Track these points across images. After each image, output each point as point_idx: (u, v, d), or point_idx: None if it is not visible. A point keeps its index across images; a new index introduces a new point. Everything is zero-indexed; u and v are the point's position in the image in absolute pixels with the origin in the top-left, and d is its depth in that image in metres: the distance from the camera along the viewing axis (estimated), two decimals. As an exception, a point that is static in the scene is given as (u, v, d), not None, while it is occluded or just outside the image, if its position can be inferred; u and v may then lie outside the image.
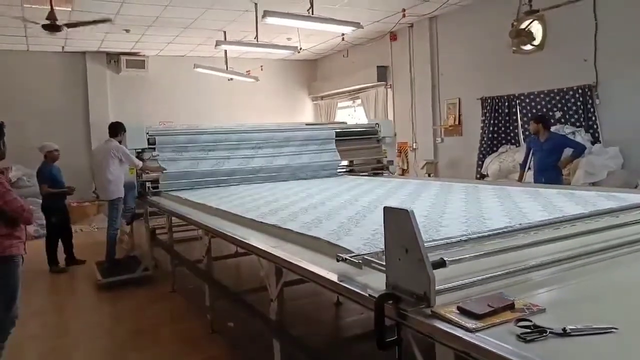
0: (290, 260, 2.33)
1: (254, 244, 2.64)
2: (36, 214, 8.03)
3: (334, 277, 1.98)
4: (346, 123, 8.52)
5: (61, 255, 6.26)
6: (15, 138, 8.99)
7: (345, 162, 6.70)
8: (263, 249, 2.55)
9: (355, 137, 6.80)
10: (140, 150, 5.50)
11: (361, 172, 6.69)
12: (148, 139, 5.50)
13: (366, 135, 6.81)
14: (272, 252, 2.46)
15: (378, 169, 6.79)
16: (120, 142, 5.72)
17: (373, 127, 6.89)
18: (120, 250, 6.32)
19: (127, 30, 8.20)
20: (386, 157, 6.77)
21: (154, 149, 5.52)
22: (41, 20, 5.84)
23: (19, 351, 3.61)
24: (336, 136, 6.56)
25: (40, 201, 6.42)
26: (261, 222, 2.99)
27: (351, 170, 6.67)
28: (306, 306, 4.27)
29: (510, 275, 1.75)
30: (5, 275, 2.99)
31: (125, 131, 5.71)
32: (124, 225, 6.46)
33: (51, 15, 5.77)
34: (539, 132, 5.63)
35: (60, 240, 6.28)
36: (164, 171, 5.35)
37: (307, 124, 7.57)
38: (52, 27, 5.84)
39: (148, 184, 5.39)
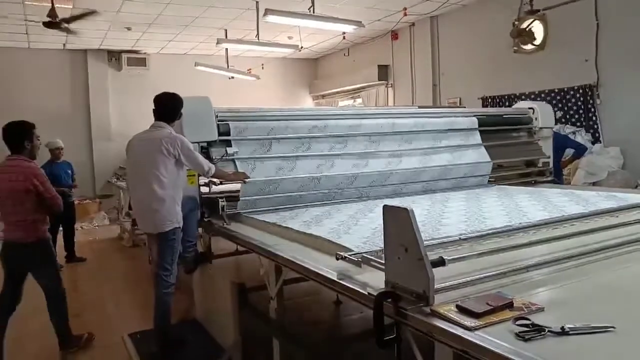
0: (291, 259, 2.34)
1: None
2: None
3: (333, 275, 1.99)
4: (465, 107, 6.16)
5: (61, 253, 6.26)
6: (16, 135, 9.08)
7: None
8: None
9: (498, 127, 4.65)
10: (204, 145, 3.40)
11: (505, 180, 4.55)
12: (218, 126, 3.40)
13: (514, 125, 4.77)
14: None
15: (530, 175, 4.73)
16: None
17: (525, 113, 4.80)
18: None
19: (129, 28, 8.20)
20: (548, 157, 4.76)
21: (229, 142, 3.44)
22: (42, 17, 5.85)
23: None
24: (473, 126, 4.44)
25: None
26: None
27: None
28: (305, 305, 4.28)
29: (510, 274, 1.76)
30: (50, 254, 3.53)
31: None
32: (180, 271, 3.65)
33: (52, 13, 5.77)
34: None
35: (62, 237, 6.29)
36: (247, 180, 3.33)
37: (420, 107, 5.30)
38: (53, 24, 5.84)
39: (222, 202, 3.27)
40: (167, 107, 3.32)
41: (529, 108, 4.84)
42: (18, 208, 3.29)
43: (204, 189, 3.41)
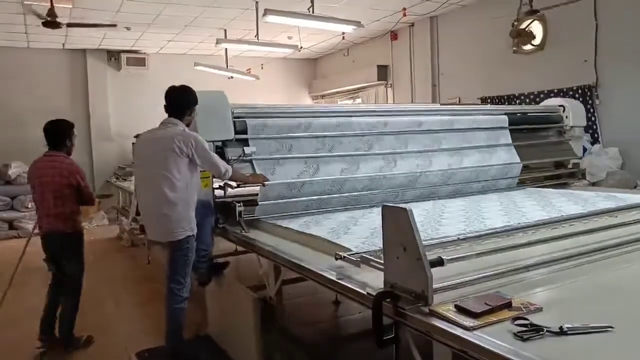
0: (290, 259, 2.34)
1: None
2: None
3: (332, 275, 1.99)
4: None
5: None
6: (15, 135, 9.07)
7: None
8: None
9: (526, 126, 4.40)
10: (219, 145, 3.14)
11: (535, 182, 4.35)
12: (235, 123, 3.13)
13: (543, 124, 4.52)
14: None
15: (559, 176, 4.53)
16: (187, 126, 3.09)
17: (555, 110, 4.58)
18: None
19: (128, 28, 8.19)
20: (580, 158, 4.65)
21: (246, 141, 3.17)
22: (41, 16, 5.84)
23: None
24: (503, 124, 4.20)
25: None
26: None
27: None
28: (305, 304, 4.28)
29: (508, 274, 1.76)
30: (80, 247, 3.66)
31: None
32: (194, 285, 3.32)
33: (51, 12, 5.77)
34: None
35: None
36: (266, 183, 3.06)
37: (442, 104, 4.99)
38: (52, 24, 5.83)
39: (239, 207, 3.00)
40: (179, 102, 3.02)
41: (559, 106, 4.59)
42: (59, 201, 3.47)
43: (218, 192, 3.12)
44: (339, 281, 1.92)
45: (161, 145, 2.88)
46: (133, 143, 9.29)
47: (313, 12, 5.75)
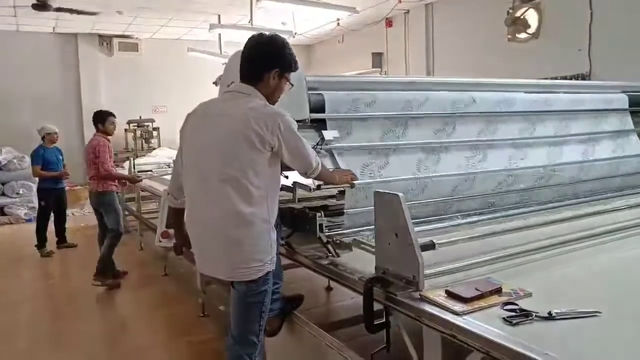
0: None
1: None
2: (28, 197, 8.02)
3: (324, 261, 2.00)
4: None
5: (52, 239, 6.22)
6: (6, 120, 8.97)
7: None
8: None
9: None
10: None
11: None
12: (310, 97, 2.21)
13: None
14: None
15: None
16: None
17: None
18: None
19: (120, 12, 8.09)
20: None
21: (323, 122, 2.24)
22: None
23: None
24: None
25: (32, 184, 6.35)
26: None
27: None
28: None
29: (498, 260, 1.78)
30: (113, 203, 4.66)
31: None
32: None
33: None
34: None
35: (53, 222, 6.24)
36: (355, 183, 2.11)
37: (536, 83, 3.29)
38: (41, 6, 5.74)
39: (320, 218, 2.07)
40: (252, 57, 1.92)
41: None
42: (91, 167, 4.58)
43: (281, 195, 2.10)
44: (331, 267, 1.93)
45: (228, 130, 1.82)
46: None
47: (307, -2, 5.71)
